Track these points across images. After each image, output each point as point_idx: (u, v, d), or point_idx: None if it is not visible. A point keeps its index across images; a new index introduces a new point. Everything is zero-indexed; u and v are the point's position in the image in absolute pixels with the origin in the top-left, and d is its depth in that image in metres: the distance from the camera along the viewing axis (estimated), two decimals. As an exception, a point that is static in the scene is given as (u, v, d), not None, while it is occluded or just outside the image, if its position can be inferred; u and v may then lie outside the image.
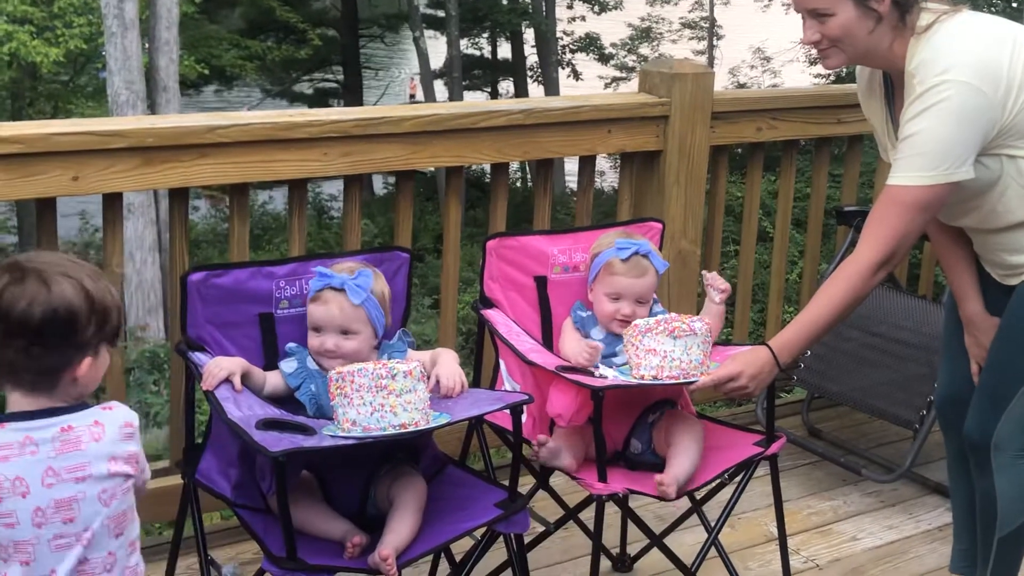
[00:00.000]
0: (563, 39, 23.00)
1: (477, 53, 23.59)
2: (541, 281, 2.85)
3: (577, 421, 2.57)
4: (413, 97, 27.55)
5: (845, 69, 2.61)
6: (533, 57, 22.70)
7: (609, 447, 2.63)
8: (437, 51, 20.70)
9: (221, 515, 4.76)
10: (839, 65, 2.49)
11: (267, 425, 2.19)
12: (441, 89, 20.74)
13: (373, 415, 2.16)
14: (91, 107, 16.94)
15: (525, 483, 2.69)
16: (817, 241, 4.14)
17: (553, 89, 21.31)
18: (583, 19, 23.67)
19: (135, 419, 1.87)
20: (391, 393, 2.16)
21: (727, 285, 2.78)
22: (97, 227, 15.95)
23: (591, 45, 23.16)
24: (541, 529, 2.75)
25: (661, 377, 2.51)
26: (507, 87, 23.58)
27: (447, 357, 2.45)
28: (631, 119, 3.47)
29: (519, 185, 20.44)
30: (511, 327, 2.74)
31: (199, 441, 2.50)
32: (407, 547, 2.24)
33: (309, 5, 22.81)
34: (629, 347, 2.55)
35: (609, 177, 19.58)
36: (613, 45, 23.61)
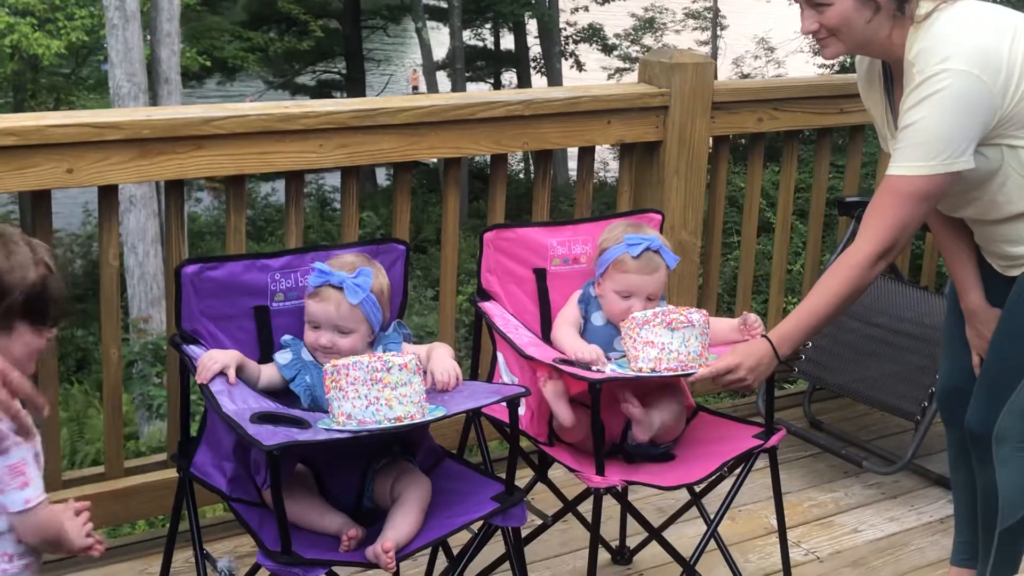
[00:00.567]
0: (566, 29, 22.96)
1: (480, 44, 23.55)
2: (540, 273, 2.83)
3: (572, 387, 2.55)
4: (416, 88, 27.49)
5: (849, 59, 2.59)
6: (536, 48, 22.65)
7: (607, 440, 2.61)
8: (440, 42, 20.69)
9: (224, 507, 4.76)
10: (838, 54, 2.47)
11: (261, 418, 2.18)
12: (444, 80, 20.71)
13: (368, 408, 2.14)
14: (93, 99, 16.94)
15: (523, 476, 2.68)
16: (819, 232, 4.12)
17: (556, 80, 21.27)
18: (586, 9, 23.63)
19: None
20: (386, 386, 2.15)
21: (761, 330, 2.66)
22: (100, 219, 15.95)
23: (594, 36, 23.12)
24: (539, 522, 2.74)
25: (659, 369, 2.49)
26: (510, 78, 23.54)
27: (441, 351, 2.44)
28: (631, 110, 3.45)
29: (522, 177, 20.41)
30: (508, 320, 2.72)
31: (195, 434, 2.49)
32: (407, 543, 2.22)
33: (311, -4, 22.80)
34: (627, 339, 2.53)
35: (612, 168, 19.55)
36: (616, 35, 23.57)
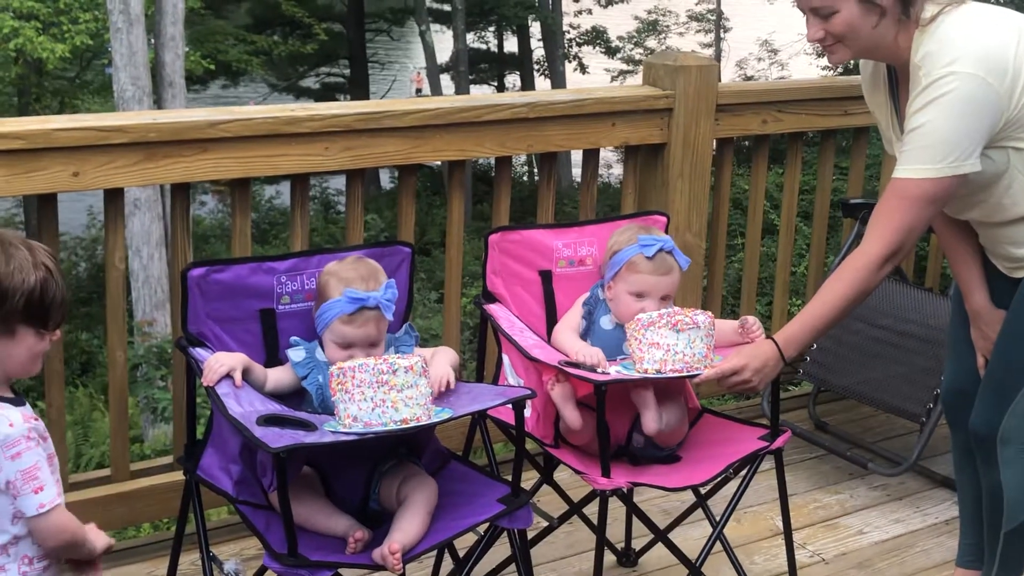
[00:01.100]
0: (570, 32, 22.95)
1: (483, 47, 23.55)
2: (546, 275, 2.83)
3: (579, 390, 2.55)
4: (419, 91, 27.51)
5: (853, 61, 2.59)
6: (540, 51, 22.65)
7: (612, 442, 2.61)
8: (443, 45, 20.68)
9: (228, 510, 4.76)
10: (845, 60, 2.48)
11: (268, 421, 2.18)
12: (447, 83, 20.72)
13: (374, 411, 2.14)
14: (97, 103, 16.95)
15: (528, 478, 2.68)
16: (823, 234, 4.12)
17: (560, 82, 21.27)
18: (590, 12, 23.62)
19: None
20: (392, 388, 2.15)
21: (760, 334, 2.67)
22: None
23: (598, 38, 23.11)
24: (545, 524, 2.74)
25: (664, 371, 2.49)
26: (514, 81, 23.54)
27: (439, 357, 2.44)
28: (635, 112, 3.46)
29: (526, 179, 20.41)
30: (513, 322, 2.72)
31: (201, 437, 2.49)
32: (414, 545, 2.23)
33: (315, 0, 22.81)
34: (632, 341, 2.53)
35: (616, 170, 19.54)
36: (620, 38, 23.56)
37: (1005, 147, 2.36)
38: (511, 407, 2.33)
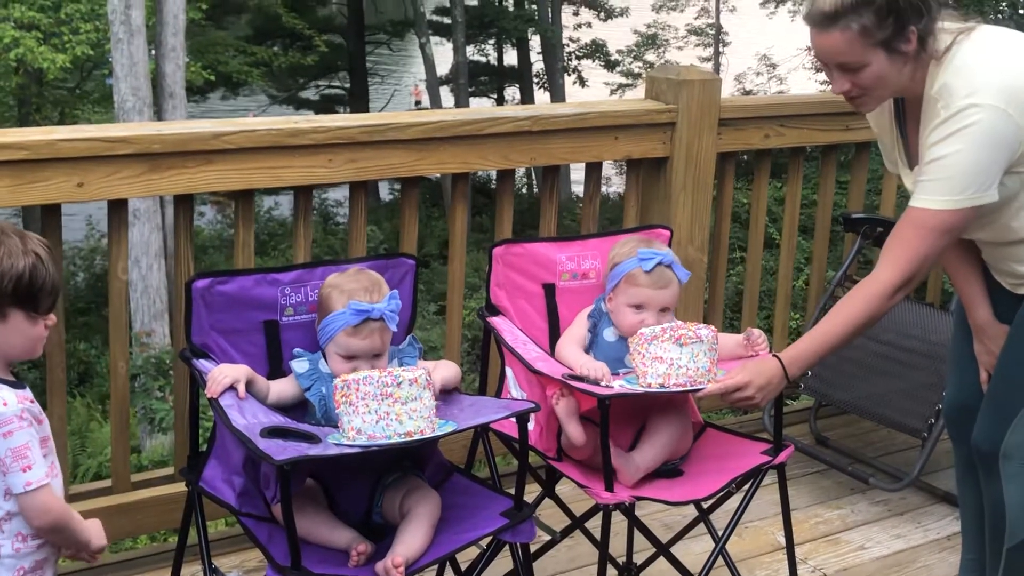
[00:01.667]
0: (569, 46, 23.01)
1: (483, 60, 23.60)
2: (549, 288, 2.83)
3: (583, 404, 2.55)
4: (419, 103, 27.56)
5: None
6: (539, 64, 22.70)
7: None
8: (443, 58, 20.72)
9: (226, 522, 4.75)
10: (872, 108, 2.47)
11: (272, 433, 2.18)
12: (447, 95, 20.75)
13: (378, 423, 2.14)
14: (97, 113, 16.96)
15: (530, 492, 2.67)
16: (824, 248, 4.13)
17: (559, 96, 21.31)
18: (589, 26, 23.68)
19: None
20: (396, 401, 2.15)
21: (765, 347, 2.68)
22: (103, 233, 15.94)
23: (597, 52, 23.16)
24: (547, 538, 2.73)
25: (668, 385, 2.49)
26: (513, 93, 23.59)
27: (436, 375, 2.42)
28: (638, 126, 3.46)
29: (524, 192, 20.43)
30: (517, 335, 2.72)
31: (203, 448, 2.49)
32: (417, 559, 2.22)
33: (315, 12, 22.84)
34: (635, 355, 2.53)
35: (615, 183, 19.56)
36: (619, 52, 23.62)
37: (1018, 172, 2.35)
38: (515, 420, 2.33)
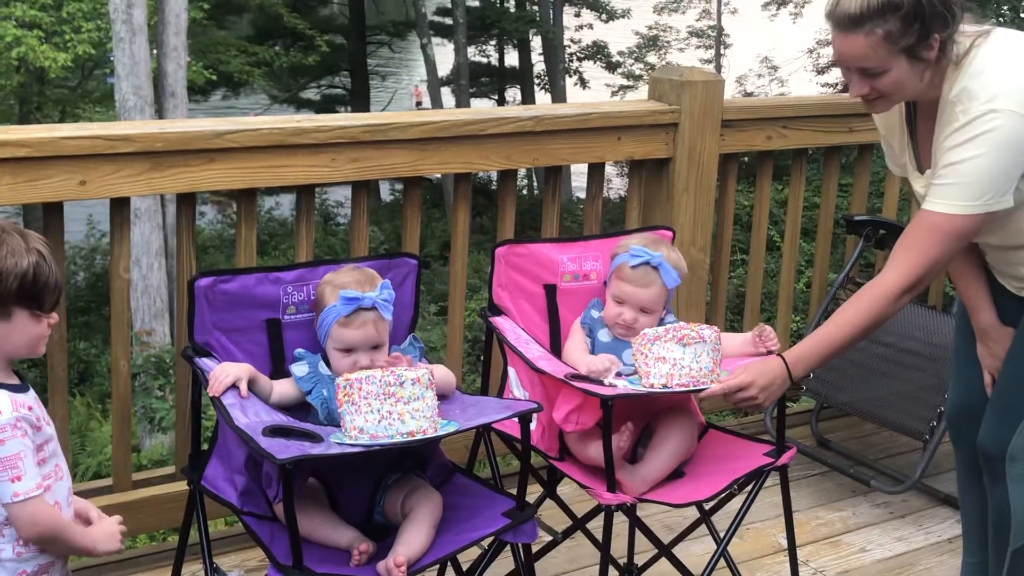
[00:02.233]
0: (570, 47, 23.00)
1: (484, 60, 23.60)
2: (550, 289, 2.83)
3: (584, 424, 2.55)
4: (419, 104, 27.56)
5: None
6: (540, 65, 22.69)
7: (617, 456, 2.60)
8: (444, 58, 20.71)
9: (225, 521, 4.74)
10: (886, 111, 2.46)
11: (274, 432, 2.17)
12: (448, 96, 20.74)
13: (381, 423, 2.14)
14: (98, 112, 16.95)
15: (532, 492, 2.67)
16: (827, 250, 4.12)
17: (560, 97, 21.31)
18: (590, 27, 23.67)
19: None
20: (399, 400, 2.14)
21: (775, 344, 2.68)
22: (103, 231, 15.94)
23: (598, 53, 23.16)
24: (549, 539, 2.73)
25: (671, 385, 2.49)
26: (514, 94, 23.58)
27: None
28: (641, 126, 3.46)
29: (525, 193, 20.42)
30: (519, 335, 2.72)
31: (205, 447, 2.48)
32: (418, 559, 2.22)
33: (317, 12, 22.85)
34: (638, 355, 2.53)
35: (615, 184, 19.55)
36: (620, 53, 23.60)
37: None
38: (517, 420, 2.33)
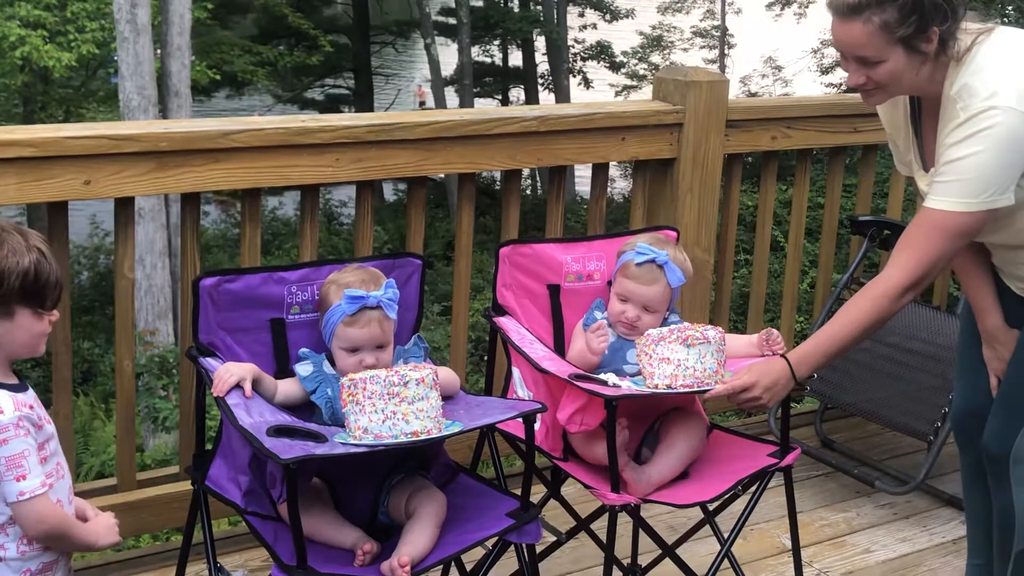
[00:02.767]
0: (574, 47, 23.00)
1: (488, 60, 23.60)
2: (554, 289, 2.83)
3: (588, 425, 2.54)
4: (423, 104, 27.57)
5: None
6: (544, 65, 22.70)
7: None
8: (448, 58, 20.72)
9: (229, 521, 4.74)
10: (882, 103, 2.46)
11: (278, 432, 2.17)
12: (452, 96, 20.75)
13: (385, 423, 2.14)
14: (102, 112, 16.96)
15: (536, 492, 2.67)
16: (831, 251, 4.12)
17: (564, 97, 21.31)
18: (594, 27, 23.67)
19: None
20: (403, 401, 2.14)
21: (781, 348, 2.67)
22: (107, 231, 15.95)
23: (602, 53, 23.16)
24: (553, 539, 2.73)
25: (675, 386, 2.48)
26: (518, 94, 23.58)
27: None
28: (645, 127, 3.45)
29: (528, 192, 20.42)
30: (524, 335, 2.72)
31: (209, 447, 2.49)
32: (423, 559, 2.22)
33: (321, 12, 22.85)
34: (642, 356, 2.53)
35: (619, 185, 19.54)
36: (624, 53, 23.60)
37: None
38: (521, 421, 2.33)
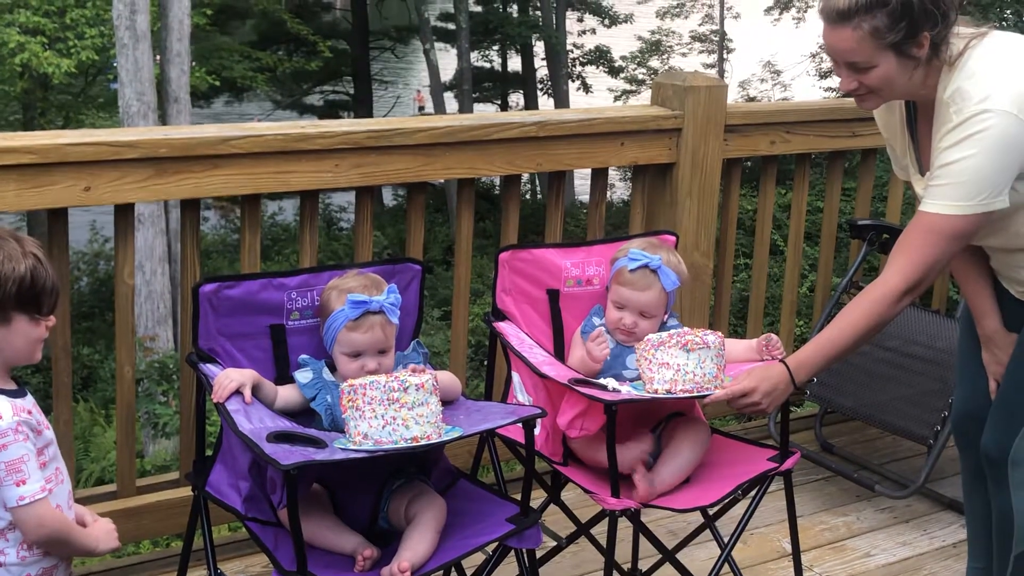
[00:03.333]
0: (573, 52, 23.02)
1: (487, 65, 23.62)
2: (554, 294, 2.83)
3: (588, 430, 2.55)
4: (422, 109, 27.60)
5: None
6: (543, 70, 22.72)
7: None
8: (447, 64, 20.74)
9: (229, 527, 4.75)
10: (876, 107, 2.47)
11: (278, 438, 2.18)
12: (451, 101, 20.77)
13: (385, 428, 2.14)
14: (102, 118, 16.95)
15: (536, 497, 2.67)
16: (830, 255, 4.12)
17: (563, 102, 21.33)
18: (593, 32, 23.70)
19: None
20: (403, 406, 2.15)
21: (781, 353, 2.68)
22: (107, 237, 15.96)
23: (601, 58, 23.18)
24: (553, 544, 2.73)
25: (675, 391, 2.49)
26: (517, 99, 23.61)
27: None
28: (644, 131, 3.46)
29: (528, 197, 20.44)
30: (523, 340, 2.72)
31: (209, 453, 2.49)
32: (423, 564, 2.22)
33: (320, 17, 22.90)
34: (642, 361, 2.53)
35: (618, 189, 19.56)
36: (623, 58, 23.63)
37: None
38: (521, 426, 2.33)
